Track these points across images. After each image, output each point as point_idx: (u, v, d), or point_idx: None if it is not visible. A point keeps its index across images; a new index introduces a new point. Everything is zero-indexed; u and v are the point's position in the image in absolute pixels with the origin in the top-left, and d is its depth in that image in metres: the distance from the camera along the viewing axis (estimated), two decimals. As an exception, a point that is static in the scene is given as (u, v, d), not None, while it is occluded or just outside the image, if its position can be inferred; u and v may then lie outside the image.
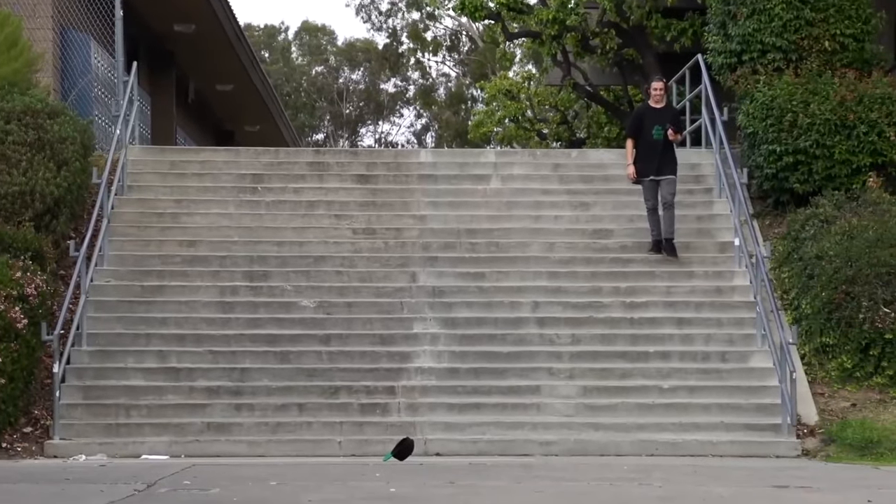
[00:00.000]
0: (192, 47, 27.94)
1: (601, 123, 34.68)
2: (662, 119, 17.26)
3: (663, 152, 17.20)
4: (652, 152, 17.18)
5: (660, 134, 17.18)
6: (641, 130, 17.29)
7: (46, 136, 16.93)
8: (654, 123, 17.20)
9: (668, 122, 17.22)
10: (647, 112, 17.51)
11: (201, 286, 16.49)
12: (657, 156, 17.15)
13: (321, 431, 14.36)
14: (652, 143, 17.19)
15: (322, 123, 67.48)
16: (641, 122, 17.37)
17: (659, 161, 17.13)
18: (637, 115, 17.77)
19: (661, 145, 17.19)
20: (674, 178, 17.16)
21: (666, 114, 17.42)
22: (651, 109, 17.47)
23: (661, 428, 14.44)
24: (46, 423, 14.36)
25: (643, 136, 17.27)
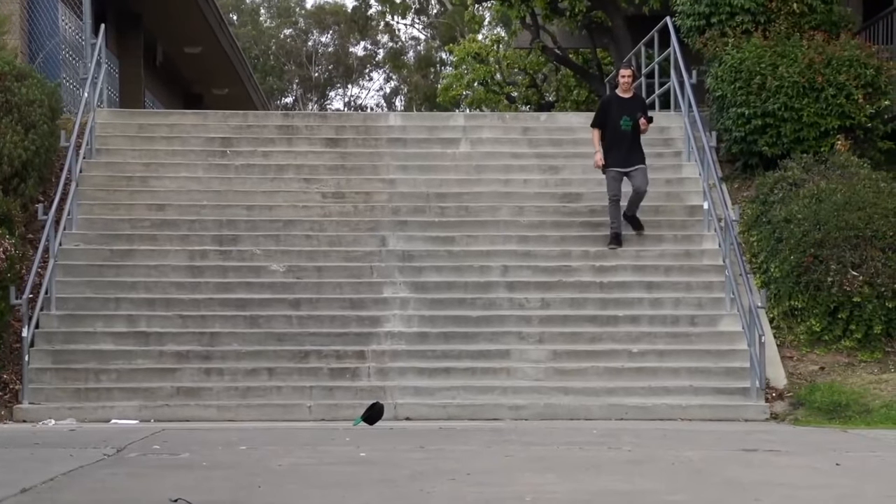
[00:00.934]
0: (160, 9, 27.75)
1: (570, 87, 34.70)
2: (631, 109, 16.73)
3: (631, 143, 16.67)
4: (619, 143, 16.62)
5: (628, 124, 16.63)
6: (608, 120, 16.74)
7: (14, 99, 16.81)
8: (622, 113, 16.66)
9: (638, 112, 16.70)
10: (614, 101, 16.90)
11: (171, 250, 16.45)
12: (625, 147, 16.61)
13: (291, 396, 14.36)
14: (620, 134, 16.65)
15: (291, 87, 67.19)
16: (608, 111, 16.78)
17: (627, 152, 16.60)
18: (603, 105, 17.03)
19: (630, 136, 16.68)
20: (644, 167, 16.67)
21: (635, 103, 16.88)
22: (618, 98, 16.87)
23: (631, 392, 14.50)
24: (15, 387, 14.32)
25: (610, 125, 16.70)
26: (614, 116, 16.66)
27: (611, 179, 16.61)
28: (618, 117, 16.64)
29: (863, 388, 14.53)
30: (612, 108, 16.76)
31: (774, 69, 18.11)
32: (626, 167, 16.60)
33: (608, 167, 16.62)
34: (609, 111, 16.74)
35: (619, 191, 16.55)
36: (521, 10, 28.57)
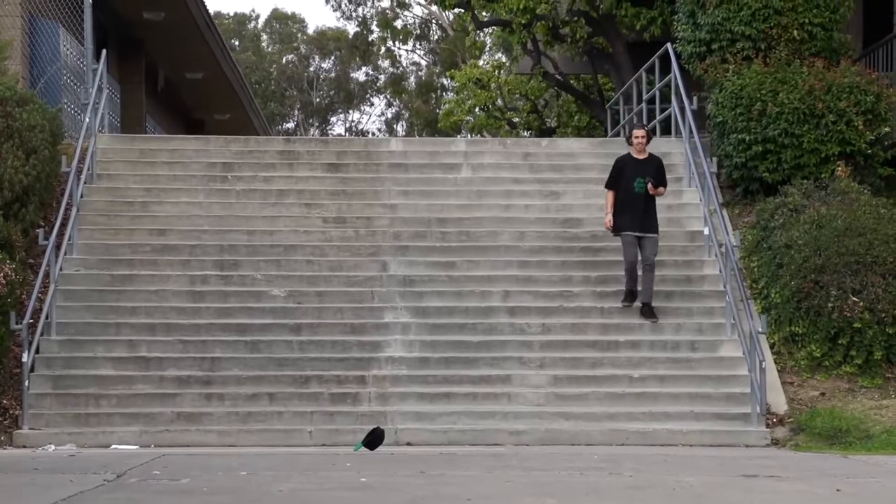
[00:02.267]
0: (162, 35, 27.83)
1: (571, 112, 34.76)
2: (645, 171, 16.01)
3: (645, 207, 15.97)
4: (633, 206, 15.92)
5: (642, 186, 15.91)
6: (621, 182, 16.04)
7: (15, 125, 16.84)
8: (636, 175, 15.96)
9: (651, 175, 15.98)
10: (628, 162, 16.15)
11: (171, 275, 16.45)
12: (639, 210, 15.91)
13: (292, 421, 14.34)
14: (633, 197, 15.93)
15: (292, 112, 67.32)
16: (622, 173, 16.05)
17: (641, 216, 15.90)
18: (617, 166, 16.17)
19: (643, 198, 15.96)
20: (656, 236, 15.98)
21: (648, 165, 16.11)
22: (632, 160, 16.14)
23: (632, 417, 14.48)
24: (15, 412, 14.30)
25: (624, 187, 15.98)
26: (628, 177, 15.99)
27: (625, 244, 15.96)
28: (631, 179, 15.97)
29: (863, 413, 14.51)
30: (625, 169, 16.06)
31: (775, 95, 18.15)
32: (641, 232, 15.94)
33: (622, 230, 15.96)
34: (623, 172, 16.06)
35: (634, 256, 15.93)
36: (523, 36, 28.63)
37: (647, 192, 15.91)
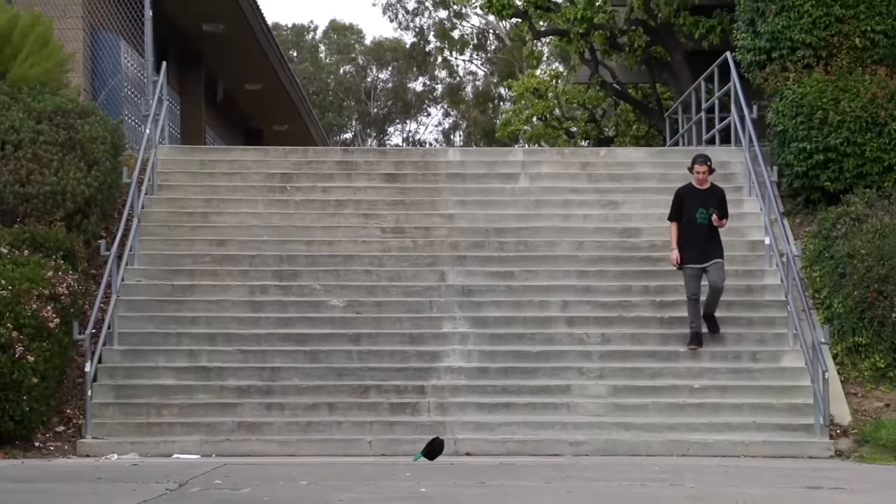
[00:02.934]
0: (221, 47, 28.02)
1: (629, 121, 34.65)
2: (707, 202, 15.60)
3: (708, 237, 15.57)
4: (696, 237, 15.54)
5: (704, 218, 15.51)
6: (683, 213, 15.67)
7: (77, 136, 16.98)
8: (698, 206, 15.58)
9: (713, 206, 15.57)
10: (689, 193, 15.76)
11: (231, 285, 16.53)
12: (702, 241, 15.51)
13: (351, 431, 14.37)
14: (696, 228, 15.55)
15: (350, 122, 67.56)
16: (683, 204, 15.69)
17: (704, 247, 15.50)
18: (678, 197, 15.80)
19: (706, 229, 15.55)
20: (721, 261, 15.53)
21: (710, 196, 15.70)
22: (694, 190, 15.77)
23: (692, 428, 14.40)
24: (79, 422, 14.42)
25: (686, 219, 15.61)
26: (690, 209, 15.62)
27: (688, 277, 15.56)
28: (693, 210, 15.59)
29: (928, 424, 14.34)
30: (687, 200, 15.70)
31: (836, 104, 18.01)
32: (704, 262, 15.53)
33: (685, 264, 15.57)
34: (684, 203, 15.69)
35: (697, 289, 15.51)
36: (580, 45, 28.59)
37: (710, 222, 15.53)
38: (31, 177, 16.39)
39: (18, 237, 15.43)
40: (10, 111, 16.92)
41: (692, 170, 15.86)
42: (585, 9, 27.37)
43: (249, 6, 26.66)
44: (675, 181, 18.84)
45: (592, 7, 27.45)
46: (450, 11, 60.28)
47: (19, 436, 13.86)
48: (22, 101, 17.14)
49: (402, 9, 63.08)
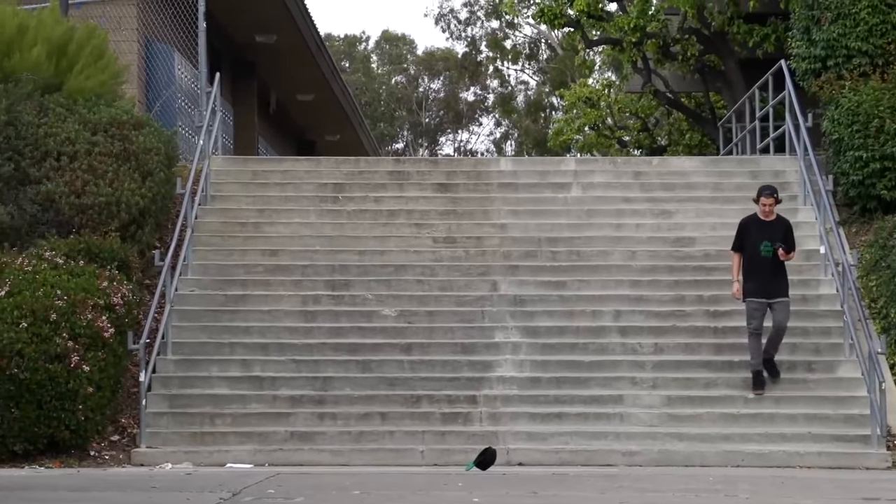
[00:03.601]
0: (274, 58, 28.14)
1: (682, 130, 34.51)
2: (772, 234, 15.07)
3: (773, 271, 15.02)
4: (760, 270, 14.99)
5: (769, 250, 14.97)
6: (747, 244, 15.17)
7: (132, 147, 17.09)
8: (763, 238, 15.05)
9: (779, 239, 15.04)
10: (753, 224, 15.24)
11: (284, 295, 16.58)
12: (766, 275, 14.97)
13: (403, 440, 14.36)
14: (759, 261, 15.01)
15: (401, 132, 67.68)
16: (747, 235, 15.19)
17: (769, 281, 14.96)
18: (742, 228, 15.30)
19: (771, 262, 15.00)
20: (787, 300, 14.96)
21: (776, 228, 15.17)
22: (758, 222, 15.24)
23: (747, 438, 14.30)
24: (133, 431, 14.50)
25: (749, 251, 15.10)
26: (754, 240, 15.09)
27: (751, 310, 14.95)
28: (757, 242, 15.07)
29: None
30: (751, 231, 15.18)
31: (893, 112, 17.86)
32: (769, 298, 14.95)
33: (748, 297, 15.01)
34: (748, 234, 15.18)
35: (760, 323, 14.92)
36: (633, 54, 28.51)
37: (774, 255, 14.99)
38: (87, 188, 16.52)
39: (74, 248, 15.55)
40: (66, 123, 17.06)
41: (758, 201, 15.29)
42: (638, 18, 27.30)
43: (302, 17, 26.77)
44: (729, 190, 18.80)
45: (645, 16, 27.38)
46: (502, 21, 60.30)
47: (75, 445, 13.96)
48: (77, 113, 17.28)
49: (454, 19, 63.19)
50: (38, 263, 14.79)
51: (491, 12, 61.19)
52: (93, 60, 18.07)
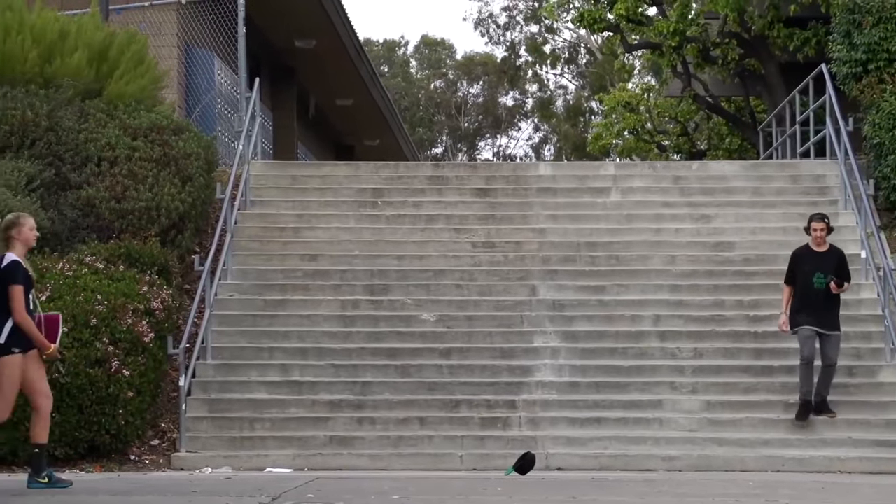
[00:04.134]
0: (313, 62, 28.21)
1: (722, 135, 34.39)
2: (825, 265, 14.55)
3: (826, 303, 14.49)
4: (812, 302, 14.46)
5: (822, 282, 14.48)
6: (799, 276, 14.65)
7: (171, 153, 17.18)
8: (815, 269, 14.53)
9: (831, 270, 14.52)
10: (805, 255, 14.76)
11: (323, 300, 16.61)
12: (819, 307, 14.44)
13: (442, 445, 14.36)
14: (812, 292, 14.49)
15: (440, 137, 67.73)
16: (799, 266, 14.70)
17: (822, 312, 14.43)
18: (794, 259, 14.84)
19: (824, 295, 14.49)
20: (839, 334, 14.52)
21: (829, 259, 14.66)
22: (811, 252, 14.75)
23: (787, 444, 14.23)
24: (173, 435, 14.55)
25: (802, 283, 14.57)
26: (806, 272, 14.59)
27: (803, 339, 14.44)
28: (810, 274, 14.56)
29: None
30: (803, 262, 14.69)
31: (934, 116, 17.74)
32: (821, 328, 14.45)
33: (800, 325, 14.47)
34: (800, 266, 14.69)
35: (812, 351, 14.41)
36: (673, 58, 28.43)
37: (827, 286, 14.50)
38: (127, 193, 16.61)
39: (114, 252, 15.64)
40: (107, 128, 17.16)
41: (808, 229, 14.83)
42: (678, 22, 27.23)
43: (342, 22, 26.83)
44: (769, 195, 18.72)
45: (685, 20, 27.30)
46: (541, 26, 60.27)
47: (115, 449, 14.03)
48: (118, 118, 17.38)
49: (493, 23, 63.20)
50: (79, 268, 14.88)
51: (530, 17, 61.17)
52: (133, 66, 18.17)
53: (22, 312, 10.66)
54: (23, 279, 10.74)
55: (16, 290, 10.67)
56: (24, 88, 17.22)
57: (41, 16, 17.90)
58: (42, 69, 17.44)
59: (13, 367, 10.67)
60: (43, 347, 10.85)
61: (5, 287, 10.68)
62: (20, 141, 16.83)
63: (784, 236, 17.76)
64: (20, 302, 10.67)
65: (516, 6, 62.57)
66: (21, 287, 10.70)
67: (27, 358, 10.80)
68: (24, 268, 10.84)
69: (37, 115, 16.90)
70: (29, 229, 10.98)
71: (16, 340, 10.69)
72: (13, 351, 10.67)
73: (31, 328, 10.73)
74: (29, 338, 10.76)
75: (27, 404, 12.99)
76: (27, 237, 10.97)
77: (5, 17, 17.54)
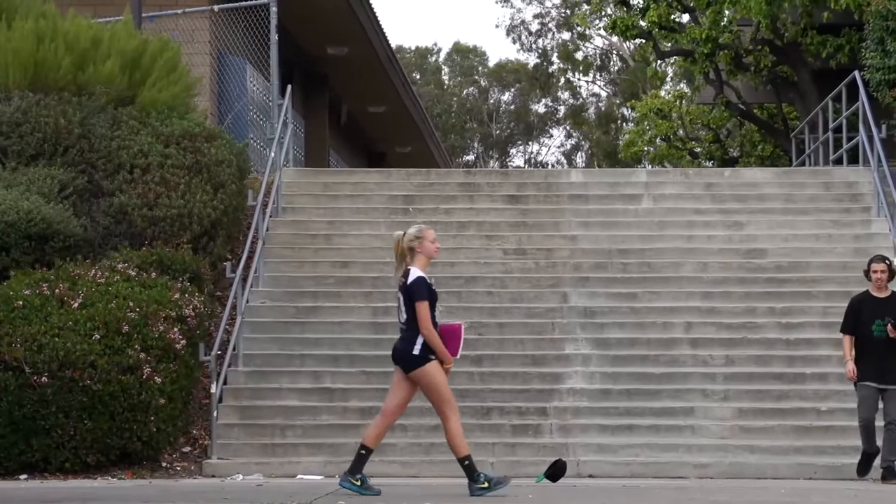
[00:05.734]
0: (345, 70, 28.27)
1: (755, 142, 34.32)
2: (885, 311, 13.41)
3: (888, 352, 13.32)
4: (872, 353, 13.34)
5: (882, 330, 13.34)
6: (858, 325, 13.48)
7: (204, 160, 17.22)
8: (875, 316, 13.38)
9: (892, 316, 13.36)
10: (865, 301, 13.59)
11: (354, 307, 16.63)
12: (880, 357, 13.30)
13: (473, 452, 14.26)
14: (872, 341, 13.34)
15: (472, 144, 67.76)
16: (858, 314, 13.53)
17: (883, 364, 13.30)
18: (852, 307, 13.66)
19: (885, 343, 13.33)
20: None
21: (891, 305, 13.49)
22: (871, 299, 13.58)
23: (820, 451, 14.16)
24: (204, 442, 14.58)
25: (861, 331, 13.46)
26: (865, 321, 13.46)
27: (862, 398, 13.38)
28: (869, 322, 13.46)
29: None
30: (862, 309, 13.54)
31: (967, 122, 17.65)
32: (882, 383, 13.32)
33: (859, 380, 13.43)
34: (859, 314, 13.52)
35: (872, 413, 13.31)
36: (705, 65, 28.38)
37: (888, 336, 13.34)
38: (159, 200, 16.66)
39: (146, 259, 15.69)
40: (139, 135, 17.23)
41: (868, 273, 13.71)
42: (710, 29, 27.18)
43: (374, 29, 26.89)
44: (801, 202, 18.65)
45: (717, 27, 27.25)
46: (573, 33, 60.27)
47: (147, 456, 14.06)
48: (150, 125, 17.45)
49: (525, 31, 63.23)
50: (111, 275, 14.94)
51: (562, 24, 61.17)
52: (165, 73, 18.24)
53: (429, 327, 11.08)
54: (427, 294, 11.13)
55: (422, 306, 11.10)
56: (58, 96, 17.30)
57: (74, 23, 17.98)
58: (75, 76, 17.52)
59: (434, 372, 11.19)
60: (446, 360, 11.25)
61: (413, 302, 11.07)
62: (53, 148, 16.91)
63: (816, 243, 17.72)
64: (426, 318, 11.09)
65: (548, 13, 62.61)
66: (427, 303, 11.12)
67: None
68: (429, 283, 11.22)
69: (69, 122, 16.99)
70: (430, 242, 11.35)
71: (429, 350, 11.17)
72: (430, 358, 11.14)
73: (437, 342, 11.16)
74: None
75: (59, 410, 13.06)
76: (429, 250, 11.35)
77: (38, 24, 17.64)
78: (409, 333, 11.18)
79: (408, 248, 11.27)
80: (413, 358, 11.13)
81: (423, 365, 11.10)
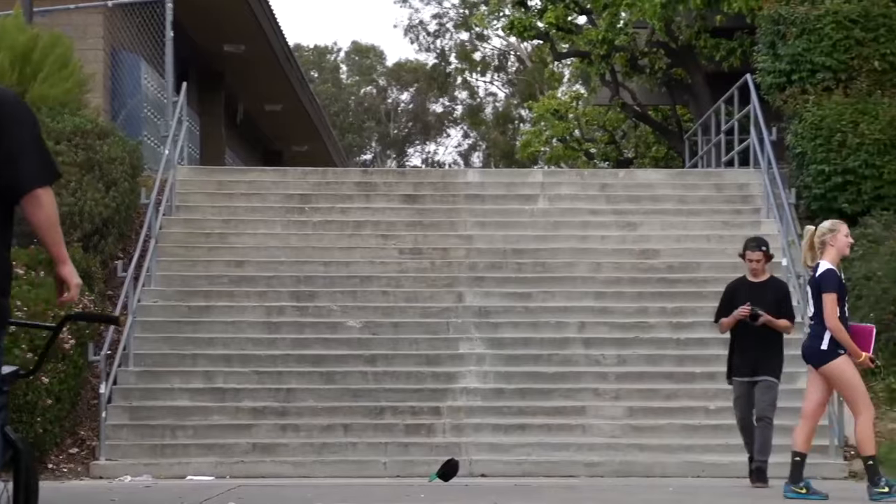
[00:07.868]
0: (242, 67, 28.07)
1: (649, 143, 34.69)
2: (762, 297, 12.49)
3: (762, 342, 12.50)
4: (746, 342, 12.51)
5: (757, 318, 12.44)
6: (731, 311, 12.53)
7: (96, 157, 17.02)
8: (750, 303, 12.47)
9: (769, 303, 12.45)
10: (740, 288, 12.71)
11: (248, 306, 16.53)
12: (753, 347, 12.49)
13: (366, 452, 14.34)
14: (746, 330, 12.48)
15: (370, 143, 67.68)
16: (732, 301, 12.61)
17: (756, 356, 12.47)
18: (727, 292, 12.78)
19: (758, 333, 12.47)
20: (772, 381, 12.49)
21: (766, 291, 12.62)
22: (746, 284, 12.72)
23: (708, 449, 14.34)
24: (92, 443, 14.41)
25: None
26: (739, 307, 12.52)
27: (734, 397, 12.69)
28: None
29: (946, 448, 14.24)
30: (737, 296, 12.63)
31: (855, 126, 17.97)
32: (753, 376, 12.51)
33: (731, 375, 12.70)
34: (734, 301, 12.58)
35: (747, 411, 12.55)
36: (601, 67, 28.63)
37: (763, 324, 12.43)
38: (49, 197, 16.41)
39: (35, 258, 15.45)
40: (29, 132, 16.95)
41: (744, 257, 12.82)
42: (607, 31, 27.42)
43: (272, 27, 26.73)
44: (693, 203, 18.87)
45: (614, 29, 27.49)
46: (471, 33, 60.41)
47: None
48: (41, 122, 17.17)
49: (423, 30, 63.27)
50: None
51: (461, 24, 61.29)
52: (57, 68, 17.98)
53: (834, 319, 10.90)
54: (836, 287, 10.94)
55: (829, 298, 10.89)
56: (-56, 91, 17.00)
57: (-37, 17, 17.70)
58: (-37, 72, 17.24)
59: (845, 367, 10.94)
60: (854, 355, 11.00)
61: (820, 295, 10.92)
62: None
63: (707, 244, 17.94)
64: (833, 311, 10.89)
65: (447, 13, 62.71)
66: (835, 295, 10.93)
67: None
68: (839, 276, 11.03)
69: (-43, 118, 16.68)
70: (844, 236, 11.20)
71: (838, 345, 10.96)
72: (839, 352, 10.93)
73: (844, 335, 10.95)
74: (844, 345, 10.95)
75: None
76: (842, 244, 11.19)
77: (-74, 18, 17.33)
78: (816, 328, 11.09)
79: (819, 241, 11.20)
80: (822, 353, 11.02)
81: (834, 359, 10.96)
